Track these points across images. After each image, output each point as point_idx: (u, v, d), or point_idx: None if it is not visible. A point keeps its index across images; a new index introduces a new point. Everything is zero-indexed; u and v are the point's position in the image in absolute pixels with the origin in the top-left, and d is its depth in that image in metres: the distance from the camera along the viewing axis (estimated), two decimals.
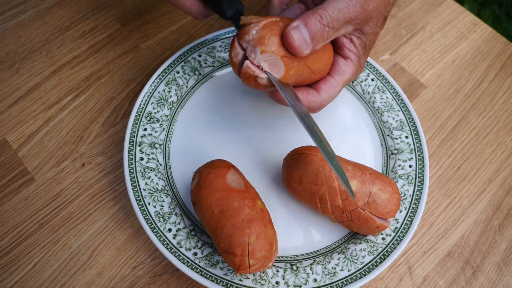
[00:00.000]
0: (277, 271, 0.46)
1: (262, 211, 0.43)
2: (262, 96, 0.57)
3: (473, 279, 0.49)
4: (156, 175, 0.50)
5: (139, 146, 0.51)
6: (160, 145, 0.53)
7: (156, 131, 0.53)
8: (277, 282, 0.45)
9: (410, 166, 0.52)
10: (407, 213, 0.49)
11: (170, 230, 0.47)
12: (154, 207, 0.48)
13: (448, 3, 0.68)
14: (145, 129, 0.53)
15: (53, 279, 0.47)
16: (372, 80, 0.57)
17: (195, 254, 0.46)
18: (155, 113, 0.54)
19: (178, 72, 0.56)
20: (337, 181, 0.44)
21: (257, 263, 0.40)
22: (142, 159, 0.51)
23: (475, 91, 0.61)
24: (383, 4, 0.45)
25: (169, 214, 0.48)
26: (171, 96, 0.55)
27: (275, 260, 0.47)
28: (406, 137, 0.54)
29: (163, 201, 0.49)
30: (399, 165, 0.52)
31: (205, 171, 0.45)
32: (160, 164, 0.51)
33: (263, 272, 0.46)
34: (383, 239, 0.47)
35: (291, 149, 0.49)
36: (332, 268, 0.46)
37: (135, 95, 0.58)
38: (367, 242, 0.48)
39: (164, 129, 0.54)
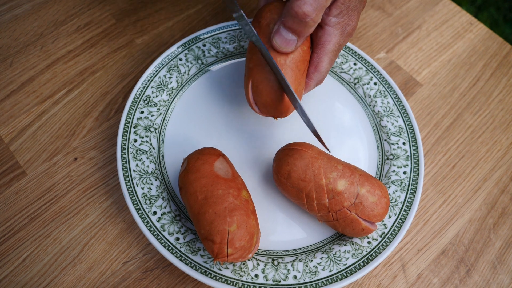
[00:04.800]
0: (258, 264, 0.45)
1: (246, 201, 0.42)
2: None
3: (467, 277, 0.49)
4: (147, 158, 0.50)
5: (134, 128, 0.51)
6: (155, 129, 0.53)
7: (152, 115, 0.53)
8: (256, 275, 0.45)
9: (405, 172, 0.51)
10: (396, 219, 0.48)
11: (155, 213, 0.47)
12: (142, 189, 0.48)
13: (444, 2, 0.68)
14: (142, 112, 0.53)
15: (43, 274, 0.46)
16: (375, 84, 0.57)
17: (177, 239, 0.46)
18: (153, 97, 0.54)
19: (181, 60, 0.56)
20: (325, 179, 0.44)
21: (235, 253, 0.40)
22: (135, 140, 0.51)
23: (470, 90, 0.61)
24: None
25: (156, 198, 0.48)
26: (171, 82, 0.55)
27: (257, 253, 0.47)
28: (404, 143, 0.53)
29: (152, 184, 0.49)
30: (393, 171, 0.51)
31: (194, 157, 0.45)
32: (153, 148, 0.51)
33: (243, 264, 0.45)
34: (369, 243, 0.47)
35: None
36: (313, 266, 0.46)
37: (129, 90, 0.58)
38: (352, 244, 0.47)
39: (161, 114, 0.54)
